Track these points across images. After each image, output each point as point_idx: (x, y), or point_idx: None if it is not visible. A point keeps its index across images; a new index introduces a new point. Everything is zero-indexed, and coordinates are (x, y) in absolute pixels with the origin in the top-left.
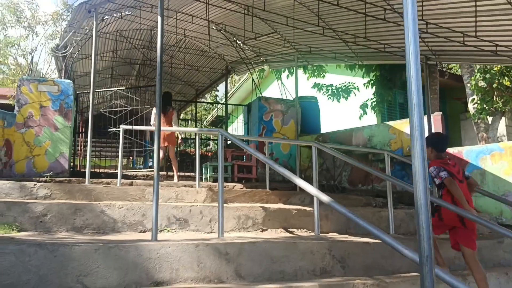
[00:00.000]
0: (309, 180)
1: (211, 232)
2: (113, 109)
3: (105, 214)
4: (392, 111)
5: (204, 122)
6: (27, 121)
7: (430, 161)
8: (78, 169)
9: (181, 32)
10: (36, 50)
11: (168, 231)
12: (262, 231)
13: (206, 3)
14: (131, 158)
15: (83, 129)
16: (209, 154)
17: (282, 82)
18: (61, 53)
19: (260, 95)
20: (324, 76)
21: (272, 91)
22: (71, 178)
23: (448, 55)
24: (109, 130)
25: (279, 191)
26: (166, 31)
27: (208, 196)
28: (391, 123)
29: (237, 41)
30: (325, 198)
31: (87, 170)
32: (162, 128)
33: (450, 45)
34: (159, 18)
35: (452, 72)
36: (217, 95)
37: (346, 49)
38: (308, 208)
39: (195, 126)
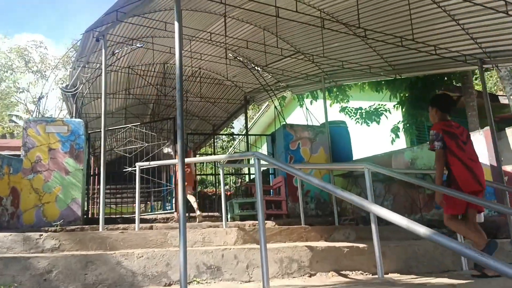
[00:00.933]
0: (345, 213)
1: (249, 281)
2: (127, 147)
3: (122, 266)
4: (421, 135)
5: (221, 162)
6: (35, 166)
7: (433, 124)
8: (93, 216)
9: (196, 64)
10: (45, 95)
11: (198, 282)
12: (310, 276)
13: (224, 24)
14: (149, 203)
15: (98, 172)
16: (228, 193)
17: (306, 108)
18: (71, 92)
19: (285, 123)
20: (348, 101)
21: (294, 119)
22: (84, 226)
23: (507, 56)
24: (124, 170)
25: (318, 227)
26: (174, 64)
27: (239, 237)
28: None
29: (256, 67)
30: (423, 230)
31: (100, 214)
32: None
33: (508, 44)
34: (177, 36)
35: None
36: (232, 132)
37: (381, 62)
38: (360, 245)
39: (212, 166)
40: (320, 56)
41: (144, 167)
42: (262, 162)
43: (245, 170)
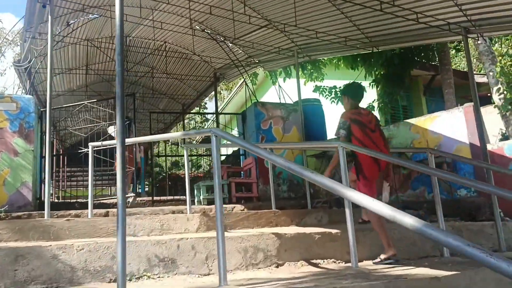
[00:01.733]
0: (318, 195)
1: (208, 274)
2: (83, 127)
3: (59, 260)
4: (396, 114)
5: (194, 142)
6: None
7: (345, 111)
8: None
9: (160, 37)
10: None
11: (149, 277)
12: (277, 267)
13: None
14: (114, 187)
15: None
16: (201, 175)
17: (279, 85)
18: (21, 67)
19: (256, 100)
20: (322, 79)
21: (268, 98)
22: (32, 212)
23: (492, 24)
24: (79, 151)
25: (289, 211)
26: (142, 37)
27: (202, 224)
28: (411, 121)
29: (225, 41)
30: (410, 221)
31: (45, 199)
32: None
33: (494, 11)
34: None
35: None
36: (205, 106)
37: (358, 33)
38: (333, 231)
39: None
40: (292, 27)
41: (98, 148)
42: (225, 142)
43: (224, 151)
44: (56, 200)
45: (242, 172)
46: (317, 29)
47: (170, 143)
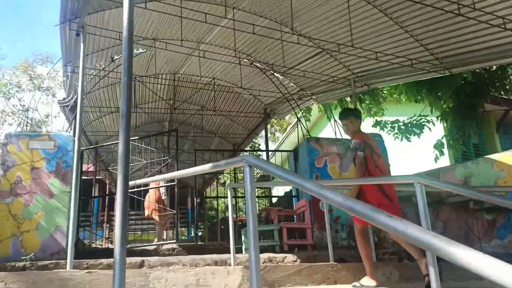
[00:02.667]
0: (384, 243)
1: None
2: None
3: None
4: (468, 151)
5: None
6: (15, 188)
7: (354, 133)
8: (92, 246)
9: (208, 73)
10: (33, 107)
11: None
12: None
13: (233, 28)
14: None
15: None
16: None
17: (334, 119)
18: (63, 104)
19: (309, 136)
20: (382, 114)
21: (325, 136)
22: (60, 261)
23: None
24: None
25: (351, 264)
26: (190, 74)
27: (245, 279)
28: (494, 156)
29: (275, 73)
30: None
31: (68, 247)
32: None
33: None
34: None
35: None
36: (259, 149)
37: (425, 54)
38: None
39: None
40: (348, 53)
41: (131, 189)
42: (276, 180)
43: (275, 191)
44: (106, 245)
45: (295, 216)
46: (377, 53)
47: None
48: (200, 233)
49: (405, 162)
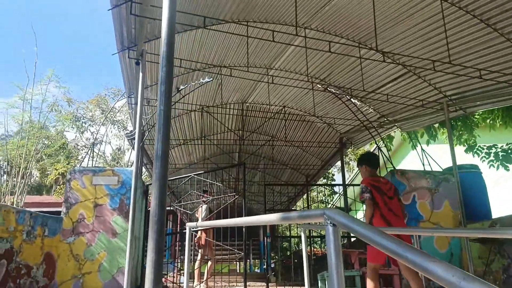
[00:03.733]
0: None
1: None
2: (188, 203)
3: None
4: None
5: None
6: (77, 226)
7: (364, 178)
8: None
9: (278, 101)
10: (100, 141)
11: None
12: None
13: (305, 47)
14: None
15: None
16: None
17: (422, 148)
18: (129, 137)
19: (393, 168)
20: (475, 142)
21: (406, 166)
22: None
23: None
24: (178, 231)
25: None
26: (259, 103)
27: None
28: None
29: (352, 99)
30: None
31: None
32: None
33: None
34: None
35: None
36: (333, 178)
37: None
38: None
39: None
40: (440, 72)
41: (193, 229)
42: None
43: None
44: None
45: None
46: (480, 70)
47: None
48: (273, 265)
49: (505, 196)
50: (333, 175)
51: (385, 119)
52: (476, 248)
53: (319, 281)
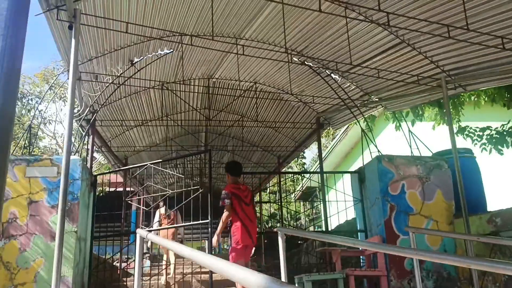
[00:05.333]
0: None
1: None
2: (144, 197)
3: None
4: None
5: (291, 196)
6: (8, 228)
7: (227, 185)
8: None
9: (248, 77)
10: (38, 124)
11: None
12: None
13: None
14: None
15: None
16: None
17: (410, 130)
18: (76, 118)
19: (380, 154)
20: (459, 120)
21: (383, 148)
22: None
23: None
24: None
25: None
26: (227, 78)
27: None
28: None
29: (332, 74)
30: None
31: None
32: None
33: None
34: None
35: None
36: (304, 163)
37: None
38: None
39: (281, 205)
40: (457, 40)
41: (145, 239)
42: None
43: (334, 220)
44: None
45: (361, 258)
46: (502, 37)
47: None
48: None
49: (500, 183)
50: (303, 152)
51: (369, 98)
52: (473, 244)
53: (296, 284)
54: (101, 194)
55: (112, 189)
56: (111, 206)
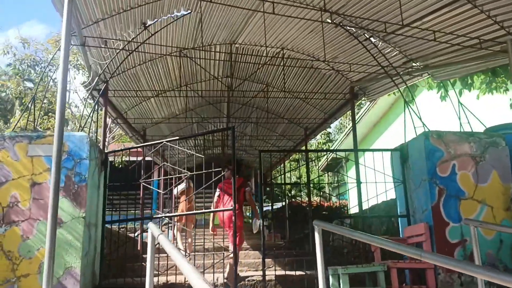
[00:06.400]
0: None
1: None
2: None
3: None
4: None
5: (316, 168)
6: (9, 213)
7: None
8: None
9: (275, 42)
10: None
11: None
12: None
13: None
14: None
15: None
16: (337, 204)
17: (460, 102)
18: (87, 88)
19: (427, 130)
20: (506, 90)
21: (400, 125)
22: None
23: None
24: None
25: None
26: (252, 44)
27: None
28: None
29: (371, 37)
30: None
31: None
32: None
33: None
34: None
35: None
36: (329, 133)
37: None
38: None
39: (308, 185)
40: (507, 2)
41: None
42: None
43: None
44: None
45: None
46: None
47: (290, 159)
48: (266, 223)
49: None
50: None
51: (415, 64)
52: None
53: (330, 276)
54: (120, 166)
55: (132, 159)
56: (131, 175)
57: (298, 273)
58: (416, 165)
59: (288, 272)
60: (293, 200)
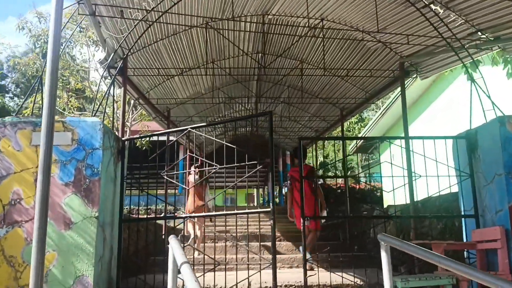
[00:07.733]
0: None
1: None
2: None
3: None
4: None
5: (349, 148)
6: (10, 212)
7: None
8: None
9: (314, 12)
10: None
11: None
12: None
13: None
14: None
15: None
16: (369, 185)
17: None
18: (105, 66)
19: (503, 115)
20: None
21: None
22: None
23: None
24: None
25: None
26: (287, 15)
27: None
28: None
29: (431, 4)
30: None
31: None
32: None
33: None
34: None
35: None
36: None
37: None
38: None
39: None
40: None
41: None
42: None
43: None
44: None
45: (465, 252)
46: None
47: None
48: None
49: None
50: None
51: (483, 35)
52: None
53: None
54: (143, 148)
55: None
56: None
57: (345, 276)
58: (488, 156)
59: (333, 276)
60: (324, 182)
